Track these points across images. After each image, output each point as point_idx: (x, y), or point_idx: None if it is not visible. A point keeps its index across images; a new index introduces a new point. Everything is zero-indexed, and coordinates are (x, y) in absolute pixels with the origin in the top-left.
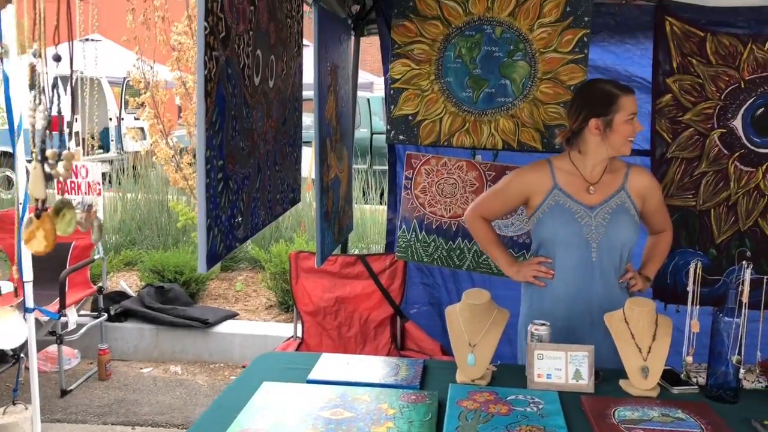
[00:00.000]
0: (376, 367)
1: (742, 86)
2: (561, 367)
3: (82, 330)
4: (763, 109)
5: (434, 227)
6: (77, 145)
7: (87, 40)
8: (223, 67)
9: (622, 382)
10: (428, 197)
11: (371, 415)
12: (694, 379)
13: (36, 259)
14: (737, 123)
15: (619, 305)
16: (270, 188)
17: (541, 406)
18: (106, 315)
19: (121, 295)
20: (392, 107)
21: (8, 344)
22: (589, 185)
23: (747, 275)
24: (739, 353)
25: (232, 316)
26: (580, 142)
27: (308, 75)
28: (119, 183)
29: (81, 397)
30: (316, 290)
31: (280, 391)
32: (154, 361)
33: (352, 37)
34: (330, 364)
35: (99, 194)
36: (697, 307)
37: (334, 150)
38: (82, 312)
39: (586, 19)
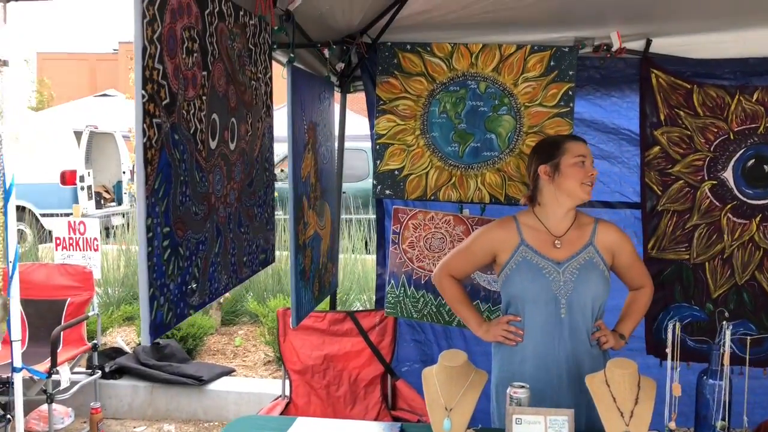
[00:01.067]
0: None
1: (732, 137)
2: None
3: (75, 388)
4: (753, 160)
5: (423, 282)
6: (89, 198)
7: (103, 95)
8: (168, 134)
9: None
10: (416, 252)
11: None
12: None
13: (31, 317)
14: (728, 174)
15: (589, 364)
16: (234, 251)
17: None
18: (100, 372)
19: (118, 352)
20: (378, 162)
21: None
22: (554, 239)
23: (727, 336)
24: (725, 418)
25: (228, 372)
26: (539, 194)
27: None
28: (126, 235)
29: None
30: (304, 348)
31: None
32: (148, 419)
33: (337, 94)
34: (303, 430)
35: (96, 250)
36: (687, 364)
37: (313, 207)
38: (76, 369)
39: (570, 72)
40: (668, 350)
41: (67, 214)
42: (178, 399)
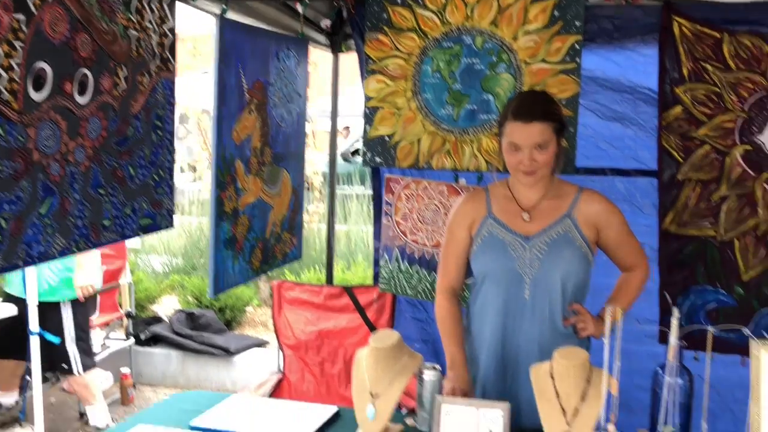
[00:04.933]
0: (278, 414)
1: None
2: (472, 427)
3: (104, 353)
4: None
5: (417, 257)
6: None
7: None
8: None
9: None
10: (409, 224)
11: None
12: None
13: None
14: (765, 138)
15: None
16: (82, 213)
17: None
18: (133, 340)
19: (157, 320)
20: (368, 127)
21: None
22: (523, 211)
23: (674, 324)
24: (685, 422)
25: (260, 344)
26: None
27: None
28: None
29: None
30: (298, 323)
31: None
32: (180, 387)
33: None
34: (230, 409)
35: None
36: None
37: (256, 173)
38: (112, 335)
39: (577, 23)
40: (603, 340)
41: None
42: (207, 369)
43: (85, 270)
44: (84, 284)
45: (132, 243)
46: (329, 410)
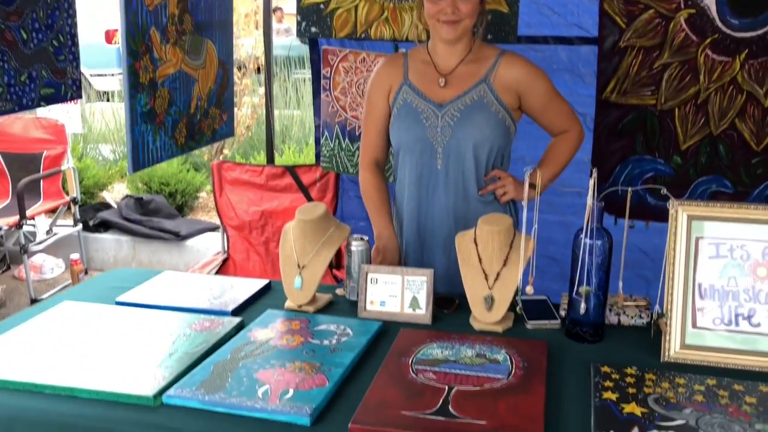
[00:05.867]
0: (207, 288)
1: None
2: (397, 293)
3: (50, 240)
4: None
5: (357, 134)
6: None
7: None
8: None
9: (472, 315)
10: (348, 99)
11: (147, 343)
12: (563, 312)
13: (13, 170)
14: (709, 1)
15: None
16: None
17: (345, 339)
18: (81, 225)
19: (106, 207)
20: None
21: None
22: (440, 77)
23: (591, 184)
24: (603, 282)
25: (212, 229)
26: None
27: None
28: None
29: None
30: (241, 203)
31: (72, 313)
32: None
33: None
34: (159, 285)
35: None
36: (646, 224)
37: (176, 43)
38: (59, 222)
39: None
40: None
41: None
42: (159, 253)
43: None
44: None
45: (75, 128)
46: (259, 283)
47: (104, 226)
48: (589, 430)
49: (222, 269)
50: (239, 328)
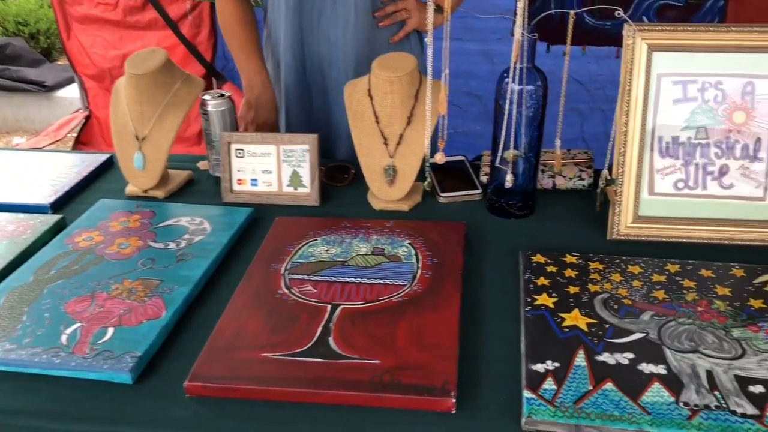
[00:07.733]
0: (40, 165)
1: None
2: (272, 167)
3: None
4: None
5: None
6: None
7: None
8: None
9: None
10: None
11: None
12: (485, 178)
13: None
14: None
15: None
16: None
17: (198, 239)
18: None
19: None
20: None
21: None
22: None
23: (519, 7)
24: (535, 140)
25: None
26: None
27: None
28: None
29: None
30: (95, 47)
31: None
32: None
33: None
34: None
35: None
36: (583, 49)
37: None
38: None
39: None
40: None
41: None
42: (25, 108)
43: None
44: None
45: None
46: (100, 158)
47: None
48: (518, 362)
49: (84, 131)
50: (57, 229)
